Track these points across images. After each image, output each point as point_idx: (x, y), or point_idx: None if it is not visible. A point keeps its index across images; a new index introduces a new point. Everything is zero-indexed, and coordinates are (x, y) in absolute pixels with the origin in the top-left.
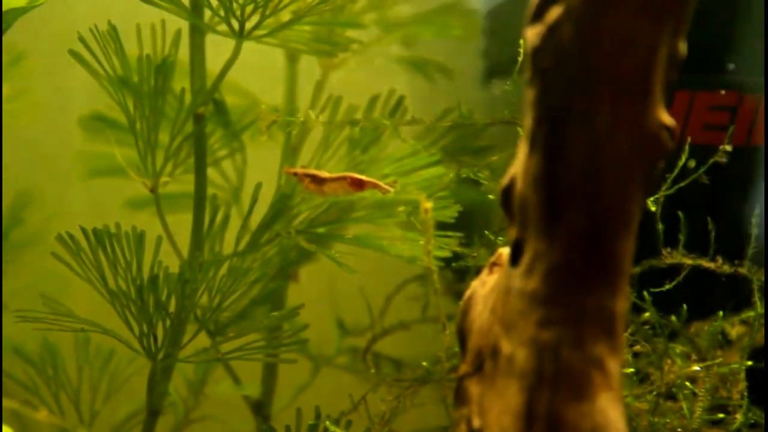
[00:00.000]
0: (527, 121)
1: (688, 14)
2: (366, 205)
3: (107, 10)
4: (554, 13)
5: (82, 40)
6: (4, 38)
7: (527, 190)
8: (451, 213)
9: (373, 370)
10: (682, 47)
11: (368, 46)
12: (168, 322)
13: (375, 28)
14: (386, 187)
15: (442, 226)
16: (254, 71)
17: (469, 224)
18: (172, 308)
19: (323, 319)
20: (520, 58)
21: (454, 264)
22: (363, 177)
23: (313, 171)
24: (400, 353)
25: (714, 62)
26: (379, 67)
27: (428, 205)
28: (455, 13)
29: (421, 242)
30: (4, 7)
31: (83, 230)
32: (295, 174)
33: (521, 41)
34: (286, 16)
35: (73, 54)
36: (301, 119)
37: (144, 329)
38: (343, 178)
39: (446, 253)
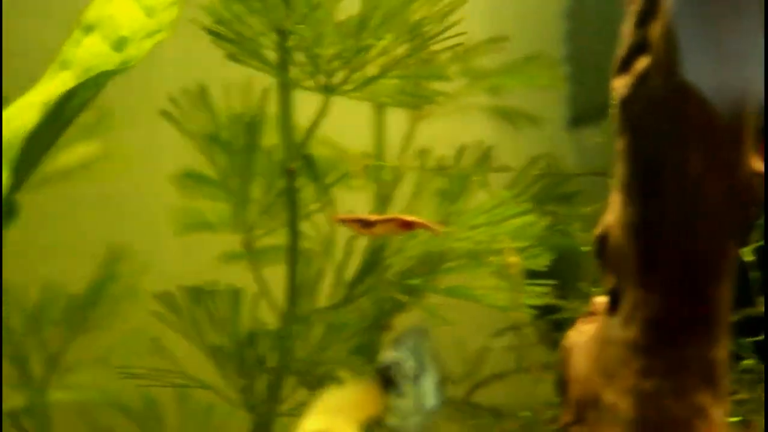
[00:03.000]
0: (619, 169)
1: None
2: (458, 255)
3: (195, 69)
4: (642, 63)
5: (173, 100)
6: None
7: (622, 239)
8: (543, 261)
9: (472, 421)
10: None
11: (454, 97)
12: (267, 377)
13: (461, 78)
14: (436, 227)
15: (534, 274)
16: (341, 123)
17: (559, 272)
18: (270, 362)
19: None
20: (606, 105)
21: (550, 317)
22: (412, 218)
23: (360, 215)
24: (496, 402)
25: None
26: (466, 116)
27: (514, 259)
28: (540, 63)
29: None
30: (97, 70)
31: (180, 288)
32: (344, 221)
33: (608, 89)
34: (372, 69)
35: (165, 114)
36: (391, 166)
37: (243, 384)
38: (392, 220)
39: (540, 302)
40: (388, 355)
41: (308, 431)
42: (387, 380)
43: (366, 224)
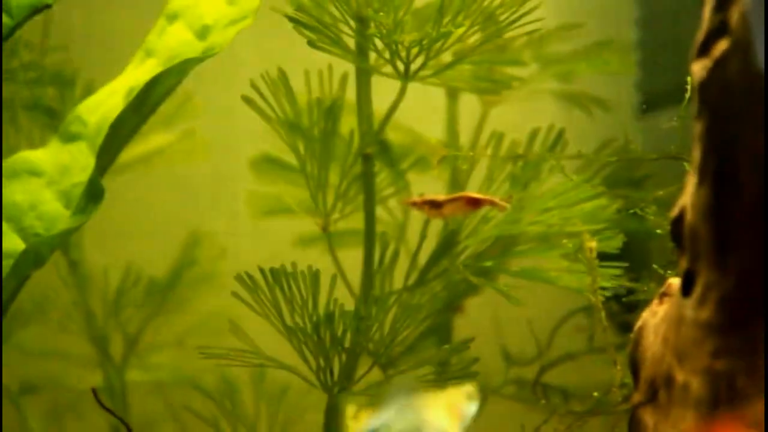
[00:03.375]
0: (695, 153)
1: None
2: (530, 238)
3: (272, 55)
4: (721, 46)
5: (253, 86)
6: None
7: (698, 221)
8: (615, 244)
9: (543, 401)
10: None
11: (527, 83)
12: (343, 357)
13: (533, 64)
14: (502, 204)
15: (605, 256)
16: (415, 109)
17: (629, 254)
18: (346, 343)
19: (488, 350)
20: (677, 90)
21: (624, 299)
22: (479, 195)
23: (429, 196)
24: (565, 382)
25: None
26: (536, 102)
27: (592, 243)
28: (611, 48)
29: (587, 275)
30: (181, 58)
31: (261, 270)
32: (414, 204)
33: (679, 74)
34: (446, 56)
35: (246, 100)
36: (467, 154)
37: (321, 364)
38: (460, 198)
39: (611, 284)
40: (373, 421)
41: None
42: None
43: (435, 205)
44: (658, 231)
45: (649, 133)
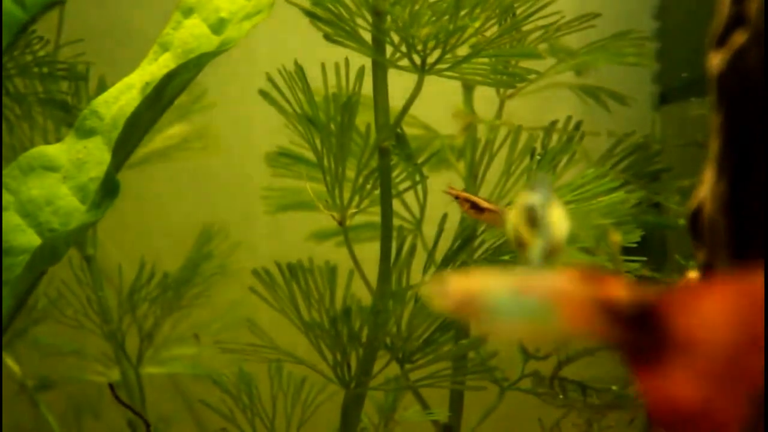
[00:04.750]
0: (713, 145)
1: None
2: None
3: (288, 48)
4: (739, 38)
5: (270, 79)
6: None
7: (716, 214)
8: (633, 238)
9: (561, 396)
10: None
11: (544, 76)
12: (360, 352)
13: (550, 57)
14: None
15: (623, 250)
16: (431, 103)
17: (647, 247)
18: (363, 338)
19: (506, 343)
20: (695, 82)
21: None
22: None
23: (474, 198)
24: (583, 376)
25: None
26: (552, 94)
27: (617, 238)
28: (628, 40)
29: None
30: (197, 52)
31: (277, 265)
32: (457, 197)
33: (698, 65)
34: (463, 49)
35: (263, 94)
36: (481, 144)
37: (338, 358)
38: (500, 212)
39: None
40: (534, 198)
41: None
42: (532, 219)
43: (476, 208)
44: (681, 221)
45: (668, 125)
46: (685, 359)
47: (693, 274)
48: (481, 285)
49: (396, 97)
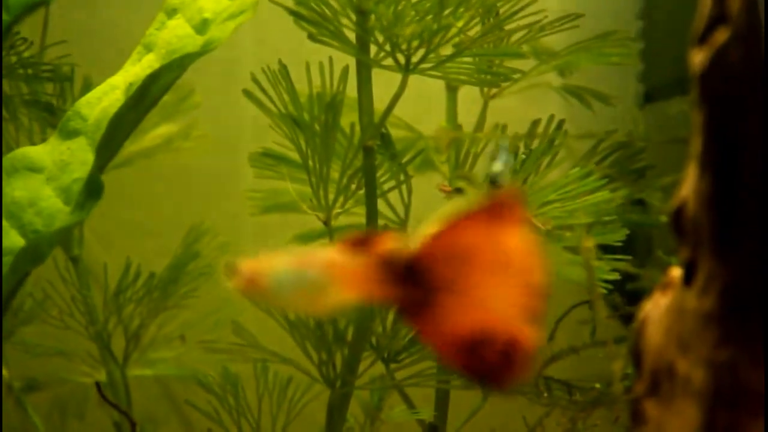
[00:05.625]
0: (695, 142)
1: None
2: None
3: (272, 48)
4: (721, 35)
5: (254, 79)
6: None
7: (699, 211)
8: (618, 237)
9: (545, 394)
10: None
11: (528, 76)
12: (345, 351)
13: (534, 57)
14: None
15: (608, 249)
16: (414, 101)
17: (632, 245)
18: (348, 337)
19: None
20: (680, 81)
21: (627, 286)
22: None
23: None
24: (568, 375)
25: None
26: (536, 94)
27: (590, 243)
28: (612, 41)
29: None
30: (181, 52)
31: None
32: (448, 193)
33: (683, 64)
34: (447, 49)
35: (247, 93)
36: (465, 145)
37: (323, 358)
38: None
39: (615, 277)
40: (497, 166)
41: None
42: (496, 187)
43: None
44: (663, 218)
45: (653, 125)
46: (452, 296)
47: (676, 272)
48: (266, 264)
49: (384, 96)
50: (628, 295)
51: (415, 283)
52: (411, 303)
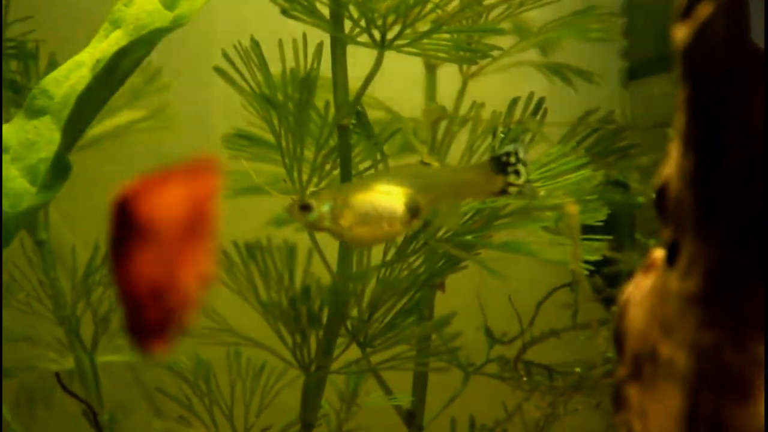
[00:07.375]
0: (679, 120)
1: None
2: (511, 210)
3: (245, 25)
4: (705, 9)
5: (226, 56)
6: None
7: (683, 190)
8: (599, 216)
9: (525, 378)
10: None
11: (507, 53)
12: (320, 334)
13: (514, 33)
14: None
15: (589, 229)
16: (392, 80)
17: (614, 226)
18: (323, 319)
19: (470, 328)
20: (664, 58)
21: (605, 269)
22: None
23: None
24: (549, 359)
25: None
26: (517, 72)
27: (574, 209)
28: (594, 16)
29: (569, 247)
30: (150, 28)
31: (235, 245)
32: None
33: (667, 41)
34: (424, 25)
35: (219, 71)
36: (444, 124)
37: (297, 341)
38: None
39: (596, 257)
40: (508, 146)
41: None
42: (503, 165)
43: None
44: (641, 199)
45: (637, 102)
46: (146, 243)
47: (658, 253)
48: None
49: (360, 78)
50: (608, 277)
51: (123, 223)
52: (116, 241)
